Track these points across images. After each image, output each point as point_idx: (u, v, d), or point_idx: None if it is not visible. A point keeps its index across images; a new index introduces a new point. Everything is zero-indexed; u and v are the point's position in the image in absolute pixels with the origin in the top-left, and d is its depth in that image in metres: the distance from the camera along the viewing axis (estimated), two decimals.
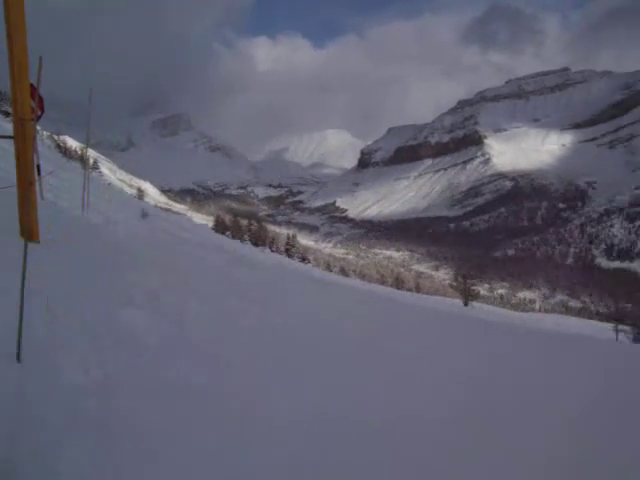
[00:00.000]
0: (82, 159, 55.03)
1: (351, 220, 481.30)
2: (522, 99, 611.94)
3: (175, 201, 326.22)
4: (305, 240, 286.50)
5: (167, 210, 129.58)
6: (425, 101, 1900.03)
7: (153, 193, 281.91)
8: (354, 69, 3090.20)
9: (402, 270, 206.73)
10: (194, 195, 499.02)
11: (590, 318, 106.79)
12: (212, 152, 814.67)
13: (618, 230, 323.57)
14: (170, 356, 5.39)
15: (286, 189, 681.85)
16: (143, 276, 8.80)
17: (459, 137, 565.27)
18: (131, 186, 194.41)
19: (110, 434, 3.48)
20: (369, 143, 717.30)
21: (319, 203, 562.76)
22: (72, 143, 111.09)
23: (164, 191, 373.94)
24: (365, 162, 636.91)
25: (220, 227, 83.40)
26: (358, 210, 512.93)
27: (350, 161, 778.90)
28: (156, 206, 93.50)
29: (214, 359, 5.81)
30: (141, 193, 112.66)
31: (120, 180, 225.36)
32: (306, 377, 6.02)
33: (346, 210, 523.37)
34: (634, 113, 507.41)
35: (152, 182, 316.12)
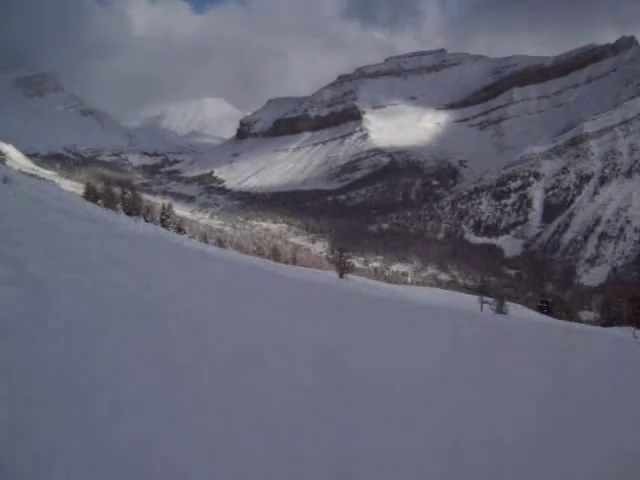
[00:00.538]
0: None
1: (229, 191, 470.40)
2: (400, 77, 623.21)
3: (42, 167, 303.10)
4: (181, 210, 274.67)
5: (33, 176, 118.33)
6: (306, 74, 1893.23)
7: (17, 157, 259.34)
8: (235, 37, 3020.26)
9: (279, 242, 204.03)
10: (63, 161, 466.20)
11: (458, 290, 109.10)
12: (84, 116, 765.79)
13: (486, 207, 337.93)
14: (30, 328, 5.38)
15: (162, 157, 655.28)
16: (8, 247, 8.74)
17: (338, 112, 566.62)
18: None
19: None
20: (249, 114, 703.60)
21: (196, 173, 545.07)
22: None
23: (29, 155, 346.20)
24: (244, 133, 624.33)
25: (91, 195, 79.01)
26: (236, 181, 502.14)
27: (229, 131, 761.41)
28: (20, 171, 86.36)
29: (80, 330, 5.90)
30: (2, 157, 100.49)
31: None
32: (153, 353, 6.07)
33: (224, 181, 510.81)
34: (503, 97, 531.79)
35: (15, 145, 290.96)
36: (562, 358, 14.48)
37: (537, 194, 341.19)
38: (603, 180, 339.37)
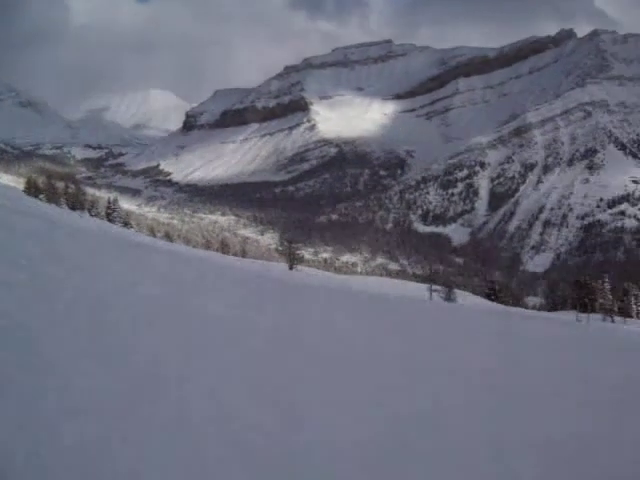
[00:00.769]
0: None
1: (175, 184, 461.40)
2: (347, 68, 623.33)
3: None
4: (127, 204, 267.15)
5: None
6: (252, 65, 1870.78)
7: None
8: (180, 27, 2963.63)
9: (228, 235, 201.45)
10: (1, 155, 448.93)
11: (408, 280, 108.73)
12: (22, 108, 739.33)
13: (433, 197, 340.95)
14: None
15: (106, 150, 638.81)
16: None
17: (285, 103, 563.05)
18: None
19: None
20: (195, 105, 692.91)
21: (142, 166, 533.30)
22: None
23: None
24: (190, 125, 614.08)
25: (33, 190, 77.89)
26: (183, 174, 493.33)
27: (175, 123, 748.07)
28: None
29: (20, 329, 5.83)
30: None
31: None
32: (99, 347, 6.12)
33: (170, 173, 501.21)
34: (449, 87, 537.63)
35: None
36: (502, 339, 16.27)
37: (483, 183, 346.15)
38: (546, 169, 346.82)
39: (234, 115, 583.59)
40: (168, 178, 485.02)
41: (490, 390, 8.15)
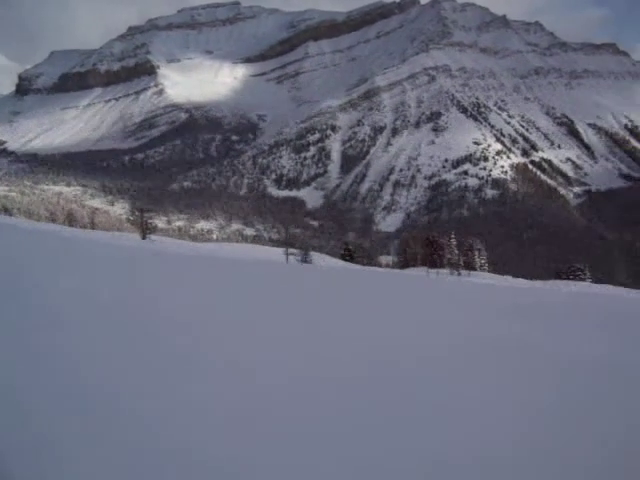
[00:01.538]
0: None
1: (12, 153, 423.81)
2: (195, 30, 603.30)
3: None
4: None
5: None
6: (91, 24, 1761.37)
7: None
8: None
9: (75, 207, 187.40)
10: None
11: (264, 244, 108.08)
12: None
13: (286, 161, 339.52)
14: None
15: None
16: None
17: (130, 66, 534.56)
18: None
19: None
20: (28, 67, 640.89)
21: None
22: None
23: None
24: (25, 88, 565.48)
25: None
26: (20, 142, 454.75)
27: (6, 86, 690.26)
28: None
29: None
30: None
31: None
32: None
33: (5, 142, 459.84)
34: (299, 51, 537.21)
35: None
36: (354, 290, 17.99)
37: (335, 146, 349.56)
38: (395, 131, 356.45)
39: (75, 78, 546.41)
40: (2, 147, 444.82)
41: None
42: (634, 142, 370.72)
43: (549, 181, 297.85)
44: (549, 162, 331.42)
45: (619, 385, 6.57)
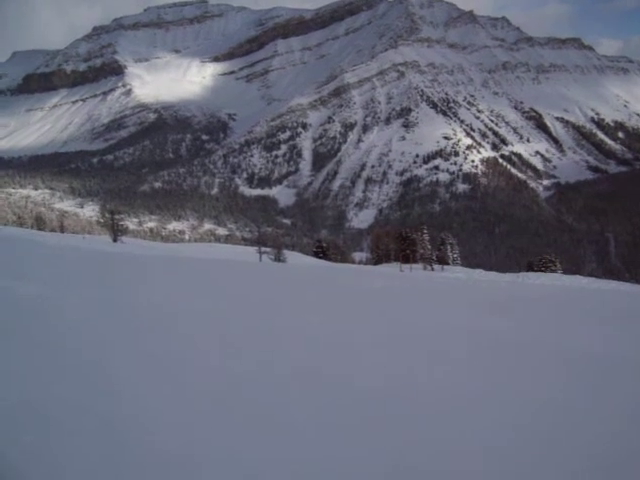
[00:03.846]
0: None
1: None
2: (162, 29, 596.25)
3: None
4: None
5: None
6: (55, 24, 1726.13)
7: None
8: None
9: (43, 210, 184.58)
10: None
11: (237, 244, 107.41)
12: None
13: (257, 160, 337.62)
14: None
15: None
16: None
17: (97, 66, 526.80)
18: None
19: None
20: None
21: None
22: None
23: None
24: None
25: None
26: None
27: None
28: None
29: None
30: None
31: None
32: None
33: None
34: (267, 49, 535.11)
35: None
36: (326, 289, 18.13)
37: (306, 144, 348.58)
38: (365, 128, 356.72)
39: (39, 79, 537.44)
40: None
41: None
42: (601, 135, 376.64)
43: (519, 174, 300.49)
44: (519, 156, 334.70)
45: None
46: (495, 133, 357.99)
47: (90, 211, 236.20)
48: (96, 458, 3.45)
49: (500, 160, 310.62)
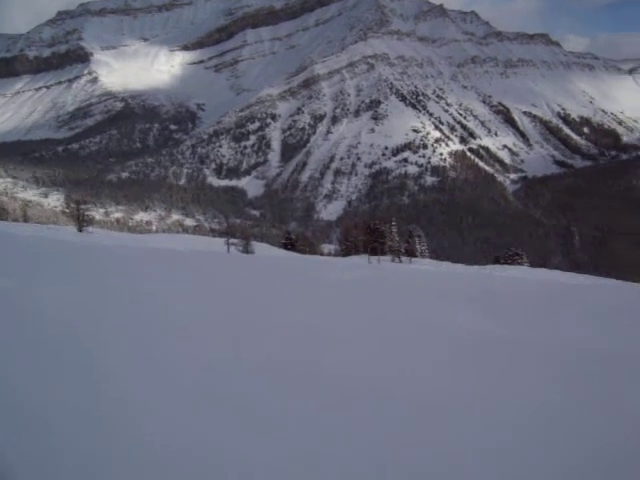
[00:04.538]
0: None
1: None
2: (130, 16, 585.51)
3: None
4: None
5: None
6: (17, 7, 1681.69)
7: None
8: None
9: (5, 199, 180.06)
10: None
11: (205, 235, 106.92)
12: None
13: (226, 150, 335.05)
14: None
15: None
16: None
17: (62, 52, 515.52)
18: None
19: None
20: None
21: None
22: None
23: None
24: None
25: None
26: None
27: None
28: None
29: None
30: None
31: None
32: None
33: None
34: (237, 38, 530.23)
35: None
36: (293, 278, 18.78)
37: (275, 135, 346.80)
38: (335, 120, 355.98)
39: (0, 65, 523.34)
40: None
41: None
42: (567, 130, 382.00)
43: (487, 168, 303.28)
44: (486, 149, 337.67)
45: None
46: (463, 126, 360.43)
47: (55, 201, 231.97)
48: (86, 454, 3.43)
49: (468, 153, 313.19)
